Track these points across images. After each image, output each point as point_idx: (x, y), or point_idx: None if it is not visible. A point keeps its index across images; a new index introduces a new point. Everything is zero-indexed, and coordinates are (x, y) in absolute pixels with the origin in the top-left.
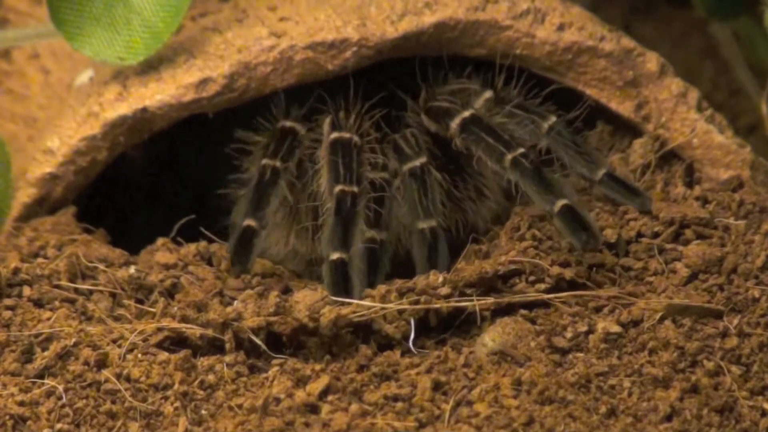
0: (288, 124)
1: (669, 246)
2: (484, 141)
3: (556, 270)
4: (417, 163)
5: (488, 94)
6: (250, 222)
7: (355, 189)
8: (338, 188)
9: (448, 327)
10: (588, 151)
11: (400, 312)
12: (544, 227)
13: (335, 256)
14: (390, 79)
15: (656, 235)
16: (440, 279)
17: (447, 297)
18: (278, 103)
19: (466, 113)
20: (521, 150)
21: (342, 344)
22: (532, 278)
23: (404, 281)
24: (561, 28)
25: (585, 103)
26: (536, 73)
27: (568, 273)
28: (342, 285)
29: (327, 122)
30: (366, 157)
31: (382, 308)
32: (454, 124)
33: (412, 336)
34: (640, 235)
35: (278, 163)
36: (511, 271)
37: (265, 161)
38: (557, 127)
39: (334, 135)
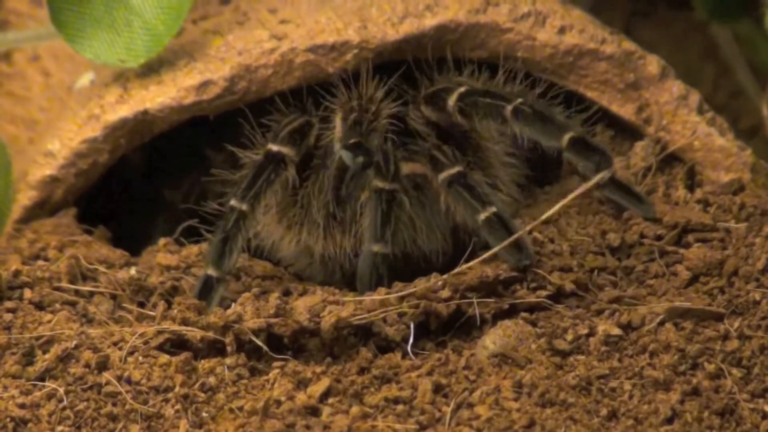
0: (274, 148)
1: (670, 249)
2: (483, 104)
3: (557, 279)
4: (454, 171)
5: None
6: (211, 272)
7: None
8: (353, 140)
9: (448, 329)
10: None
11: (400, 315)
12: (545, 230)
13: (354, 140)
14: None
15: (659, 237)
16: (440, 282)
17: (447, 300)
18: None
19: (462, 89)
20: (519, 99)
21: (343, 346)
22: (533, 285)
23: (404, 284)
24: (562, 30)
25: (594, 106)
26: (535, 76)
27: (569, 283)
28: (362, 154)
29: (338, 117)
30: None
31: (383, 311)
32: (452, 100)
33: (411, 340)
34: (642, 237)
35: (244, 207)
36: (513, 277)
37: (232, 202)
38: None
39: (352, 116)
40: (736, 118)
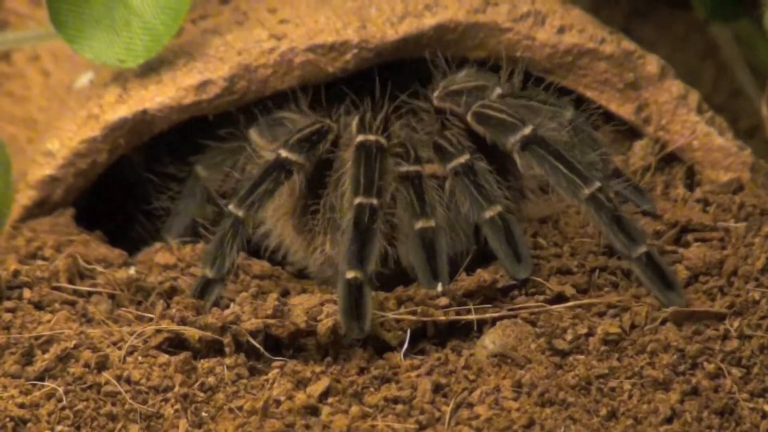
0: (283, 154)
1: (669, 248)
2: (560, 171)
3: (555, 286)
4: (462, 160)
5: (499, 90)
6: (208, 273)
7: (375, 201)
8: (357, 200)
9: (447, 332)
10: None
11: (397, 320)
12: (546, 233)
13: (350, 275)
14: (392, 78)
15: (659, 235)
16: (438, 288)
17: (445, 307)
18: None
19: (527, 130)
20: (597, 184)
21: (340, 348)
22: (532, 290)
23: (404, 289)
24: (561, 30)
25: (597, 104)
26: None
27: (569, 289)
28: (354, 309)
29: (355, 123)
30: (394, 152)
31: (381, 316)
32: (514, 139)
33: (405, 346)
34: None
35: (241, 213)
36: (511, 284)
37: (230, 207)
38: (577, 120)
39: (360, 138)
40: (736, 118)
